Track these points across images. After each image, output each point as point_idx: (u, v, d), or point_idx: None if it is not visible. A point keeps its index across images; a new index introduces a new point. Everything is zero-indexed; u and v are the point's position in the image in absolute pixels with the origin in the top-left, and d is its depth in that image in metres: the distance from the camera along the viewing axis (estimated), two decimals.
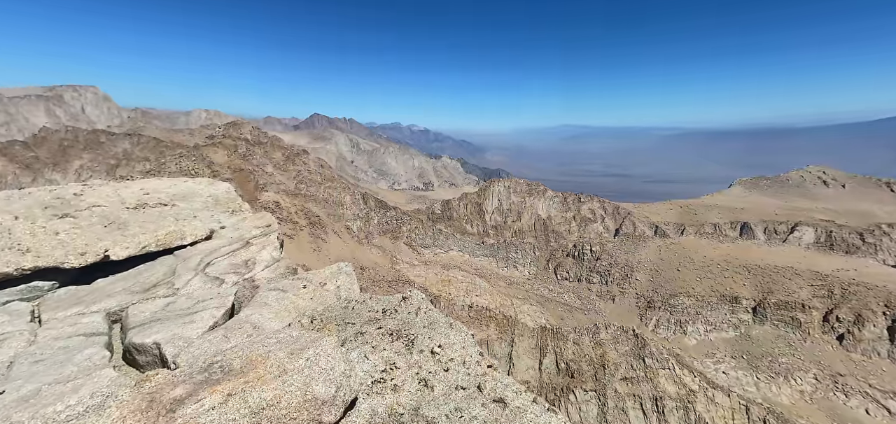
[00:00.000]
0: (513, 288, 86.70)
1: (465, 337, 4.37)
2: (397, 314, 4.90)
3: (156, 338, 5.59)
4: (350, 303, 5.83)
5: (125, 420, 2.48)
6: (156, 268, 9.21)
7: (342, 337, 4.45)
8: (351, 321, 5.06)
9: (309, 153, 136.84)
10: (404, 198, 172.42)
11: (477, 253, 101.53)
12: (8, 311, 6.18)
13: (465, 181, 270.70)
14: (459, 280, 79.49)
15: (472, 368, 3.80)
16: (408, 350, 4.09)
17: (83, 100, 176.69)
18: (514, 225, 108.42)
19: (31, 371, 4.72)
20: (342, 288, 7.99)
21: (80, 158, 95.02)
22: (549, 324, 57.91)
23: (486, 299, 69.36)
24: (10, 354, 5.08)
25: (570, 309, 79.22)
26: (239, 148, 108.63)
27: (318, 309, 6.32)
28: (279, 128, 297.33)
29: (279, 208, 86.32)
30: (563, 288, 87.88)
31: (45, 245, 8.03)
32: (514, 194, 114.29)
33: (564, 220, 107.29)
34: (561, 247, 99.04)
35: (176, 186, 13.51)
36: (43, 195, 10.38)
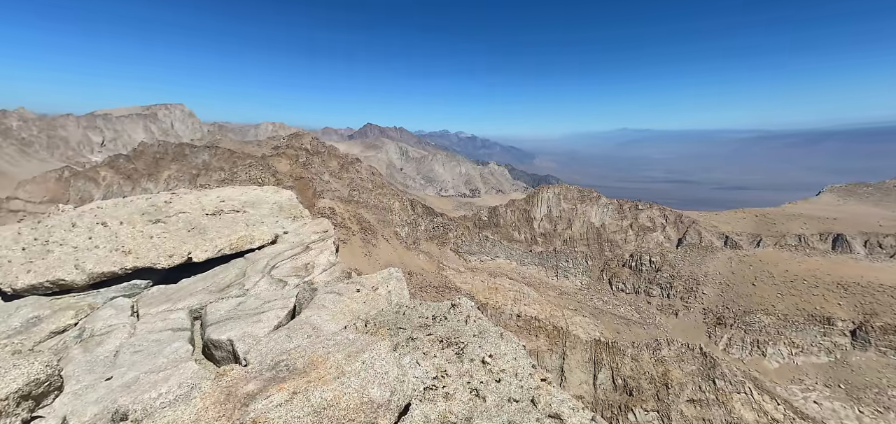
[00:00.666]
0: (563, 298, 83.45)
1: (516, 347, 4.28)
2: (447, 321, 4.93)
3: (229, 335, 6.12)
4: (401, 308, 5.98)
5: (207, 410, 2.76)
6: (229, 270, 10.02)
7: (394, 341, 4.57)
8: (402, 326, 5.19)
9: (361, 161, 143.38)
10: (451, 205, 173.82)
11: (525, 261, 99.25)
12: (114, 306, 7.12)
13: (513, 187, 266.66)
14: (507, 288, 78.16)
15: (525, 380, 3.70)
16: (458, 358, 4.09)
17: (172, 117, 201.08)
18: (564, 233, 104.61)
19: (131, 361, 5.39)
20: (393, 293, 8.20)
21: (168, 169, 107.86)
22: (604, 338, 54.79)
23: (535, 309, 67.41)
24: (115, 344, 5.84)
25: (628, 322, 74.42)
26: (300, 157, 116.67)
27: (371, 312, 6.55)
28: (335, 137, 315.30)
29: (334, 214, 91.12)
30: (618, 299, 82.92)
31: (142, 247, 9.15)
32: (565, 201, 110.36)
33: (620, 229, 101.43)
34: (616, 257, 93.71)
35: (246, 194, 14.69)
36: (140, 202, 11.87)
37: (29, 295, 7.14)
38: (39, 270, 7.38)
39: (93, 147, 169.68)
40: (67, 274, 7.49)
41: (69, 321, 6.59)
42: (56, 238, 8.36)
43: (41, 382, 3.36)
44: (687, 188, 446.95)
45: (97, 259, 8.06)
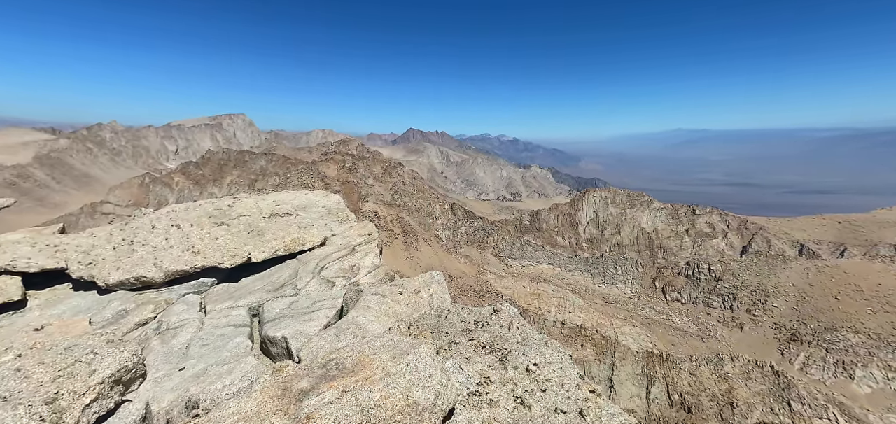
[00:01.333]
0: (611, 306, 79.49)
1: (562, 356, 4.15)
2: (489, 326, 4.90)
3: (284, 333, 6.51)
4: (443, 312, 6.03)
5: (266, 403, 2.96)
6: (283, 270, 10.64)
7: (437, 345, 4.61)
8: (444, 330, 5.23)
9: (403, 166, 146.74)
10: (491, 209, 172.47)
11: (569, 268, 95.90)
12: (186, 302, 7.85)
13: (556, 191, 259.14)
14: (550, 294, 75.94)
15: (573, 391, 3.58)
16: (502, 364, 4.04)
17: (235, 126, 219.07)
18: (612, 239, 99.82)
19: (200, 353, 5.92)
20: (434, 297, 8.29)
21: (231, 174, 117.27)
22: (658, 349, 51.38)
23: (581, 316, 64.83)
24: (187, 337, 6.44)
25: (684, 334, 69.28)
26: (346, 162, 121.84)
27: (414, 315, 6.67)
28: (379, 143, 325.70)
29: (377, 217, 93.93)
30: (673, 309, 77.49)
31: (209, 247, 10.00)
32: (613, 205, 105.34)
33: (675, 235, 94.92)
34: (670, 265, 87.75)
35: (298, 198, 15.53)
36: (208, 206, 12.98)
37: (118, 290, 8.08)
38: (126, 267, 8.34)
39: (168, 155, 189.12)
40: (148, 272, 8.38)
41: (149, 314, 7.37)
42: (139, 238, 9.39)
43: (129, 369, 3.78)
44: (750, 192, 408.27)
45: (172, 258, 8.94)
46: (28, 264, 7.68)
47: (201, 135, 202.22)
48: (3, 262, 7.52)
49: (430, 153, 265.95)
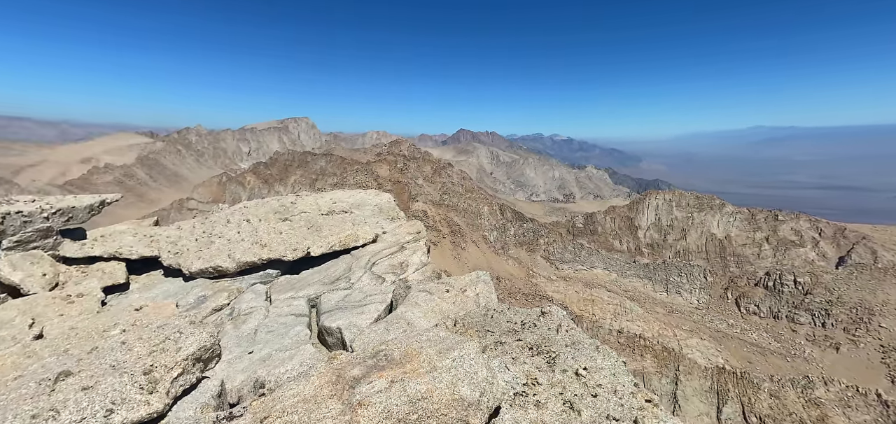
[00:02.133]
0: (675, 316, 73.55)
1: (615, 362, 3.94)
2: (536, 328, 4.79)
3: (338, 324, 6.89)
4: (489, 312, 6.00)
5: (322, 388, 3.17)
6: (338, 265, 11.21)
7: (483, 343, 4.61)
8: (490, 329, 5.20)
9: (452, 166, 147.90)
10: (542, 210, 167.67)
11: (627, 273, 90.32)
12: (254, 291, 8.61)
13: (614, 193, 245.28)
14: (605, 300, 72.09)
15: (627, 399, 3.39)
16: (549, 366, 3.93)
17: (299, 129, 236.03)
18: (676, 244, 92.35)
19: (266, 339, 6.46)
20: (481, 296, 8.27)
21: (294, 174, 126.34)
22: (731, 366, 46.57)
23: (640, 325, 60.77)
24: (255, 324, 7.06)
25: (762, 351, 62.12)
26: (398, 163, 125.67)
27: (460, 313, 6.71)
28: (430, 143, 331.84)
29: (426, 216, 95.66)
30: (749, 323, 69.81)
31: (275, 241, 10.86)
32: (678, 208, 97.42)
33: (751, 242, 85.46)
34: (746, 274, 79.14)
35: (353, 197, 16.28)
36: (273, 203, 14.09)
37: (199, 277, 9.08)
38: (205, 257, 9.35)
39: (242, 156, 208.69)
40: (223, 262, 9.32)
41: (224, 301, 8.19)
42: (216, 232, 10.48)
43: (208, 349, 4.25)
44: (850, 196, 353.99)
45: (243, 250, 9.85)
46: (130, 251, 8.92)
47: (270, 138, 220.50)
48: (112, 249, 8.81)
49: (480, 153, 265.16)
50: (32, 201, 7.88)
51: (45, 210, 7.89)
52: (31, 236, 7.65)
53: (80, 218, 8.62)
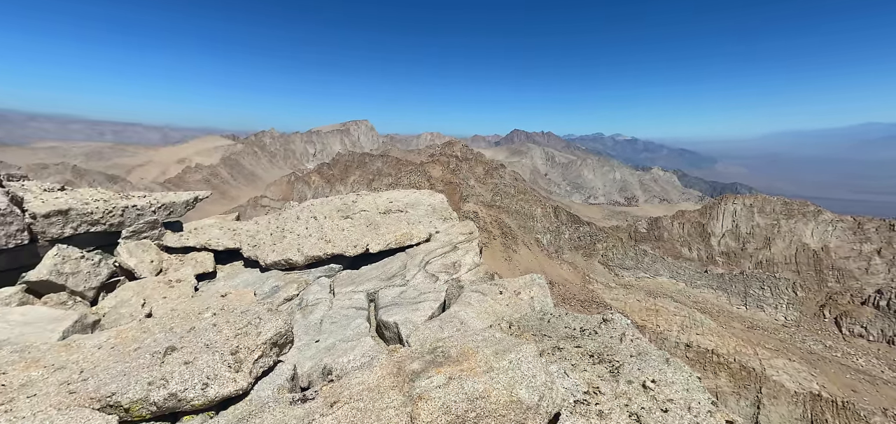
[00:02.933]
0: (756, 333, 65.81)
1: (688, 377, 3.66)
2: (597, 335, 4.59)
3: (395, 319, 7.17)
4: (545, 316, 5.86)
5: (384, 378, 3.35)
6: (394, 262, 11.64)
7: (540, 347, 4.53)
8: (547, 333, 5.09)
9: (505, 167, 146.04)
10: (601, 214, 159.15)
11: (697, 284, 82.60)
12: (319, 284, 9.25)
13: (683, 197, 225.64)
14: (671, 311, 66.56)
15: (703, 418, 3.13)
16: (612, 376, 3.76)
17: (359, 131, 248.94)
18: (759, 254, 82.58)
19: (330, 329, 6.93)
20: (536, 300, 8.10)
21: (353, 174, 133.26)
22: (828, 393, 40.54)
23: (713, 340, 55.21)
24: (320, 314, 7.60)
25: (872, 379, 53.31)
26: (450, 164, 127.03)
27: (515, 316, 6.64)
28: (483, 144, 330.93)
29: (477, 217, 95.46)
30: (854, 346, 60.32)
31: (337, 237, 11.58)
32: (761, 215, 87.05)
33: (857, 254, 73.77)
34: (849, 290, 68.47)
35: (407, 196, 16.77)
36: (336, 202, 15.00)
37: (273, 269, 9.97)
38: (278, 251, 10.24)
39: (308, 157, 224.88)
40: (293, 256, 10.14)
41: (294, 292, 8.91)
42: (288, 227, 11.42)
43: (282, 334, 4.67)
44: None
45: (310, 245, 10.63)
46: (217, 243, 10.06)
47: (333, 140, 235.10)
48: (203, 241, 10.01)
49: (534, 154, 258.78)
50: (143, 197, 9.21)
51: (153, 204, 9.18)
52: (142, 227, 8.95)
53: (178, 212, 9.90)
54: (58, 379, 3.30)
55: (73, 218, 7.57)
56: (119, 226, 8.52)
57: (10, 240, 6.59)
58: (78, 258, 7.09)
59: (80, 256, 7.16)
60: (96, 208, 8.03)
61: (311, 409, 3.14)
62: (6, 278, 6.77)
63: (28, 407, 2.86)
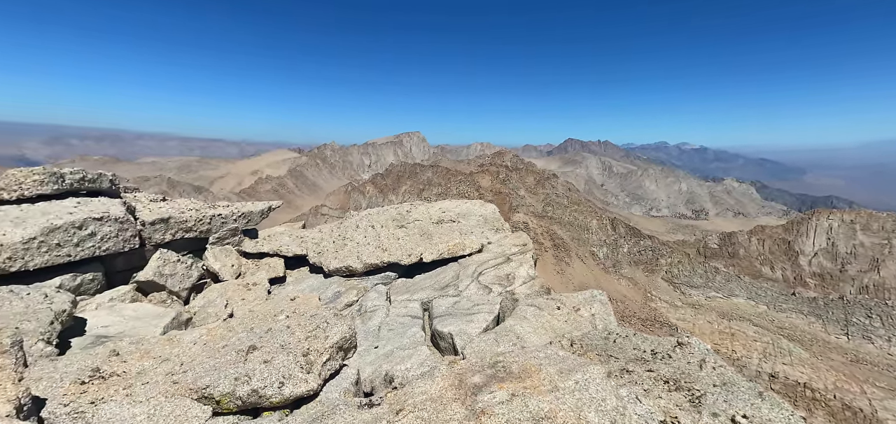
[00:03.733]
0: (862, 367, 56.48)
1: (790, 416, 3.24)
2: (672, 360, 4.24)
3: (450, 330, 7.21)
4: (610, 335, 5.54)
5: (447, 389, 3.38)
6: (447, 272, 11.72)
7: (607, 368, 4.29)
8: (613, 354, 4.80)
9: (558, 177, 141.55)
10: (664, 227, 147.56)
11: (782, 307, 73.13)
12: (376, 291, 9.61)
13: (762, 211, 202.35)
14: (750, 336, 59.47)
15: None
16: (693, 406, 3.44)
17: (412, 143, 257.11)
18: (863, 277, 71.25)
19: (387, 337, 7.15)
20: (597, 317, 7.70)
21: (405, 184, 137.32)
22: None
23: (805, 372, 48.31)
24: (378, 321, 7.88)
25: None
26: (500, 174, 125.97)
27: (576, 333, 6.36)
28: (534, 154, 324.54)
29: (527, 228, 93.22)
30: None
31: (393, 246, 11.97)
32: (866, 233, 75.28)
33: None
34: None
35: (459, 207, 16.85)
36: (392, 211, 15.52)
37: (335, 275, 10.56)
38: (340, 258, 10.82)
39: (364, 168, 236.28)
40: (353, 263, 10.66)
41: (353, 298, 9.34)
42: (348, 235, 12.05)
43: (347, 339, 4.91)
44: None
45: (368, 252, 11.10)
46: (287, 250, 10.90)
47: (387, 151, 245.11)
48: (275, 247, 10.90)
49: (589, 164, 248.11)
50: (227, 206, 10.28)
51: (234, 213, 10.20)
52: (226, 234, 9.98)
53: (255, 220, 10.90)
54: (164, 370, 3.77)
55: (172, 225, 8.67)
56: (207, 233, 9.58)
57: (126, 244, 7.71)
58: (175, 261, 8.09)
59: (177, 259, 8.15)
60: (190, 216, 9.11)
61: (378, 415, 3.25)
62: (122, 277, 7.93)
63: (143, 393, 3.31)
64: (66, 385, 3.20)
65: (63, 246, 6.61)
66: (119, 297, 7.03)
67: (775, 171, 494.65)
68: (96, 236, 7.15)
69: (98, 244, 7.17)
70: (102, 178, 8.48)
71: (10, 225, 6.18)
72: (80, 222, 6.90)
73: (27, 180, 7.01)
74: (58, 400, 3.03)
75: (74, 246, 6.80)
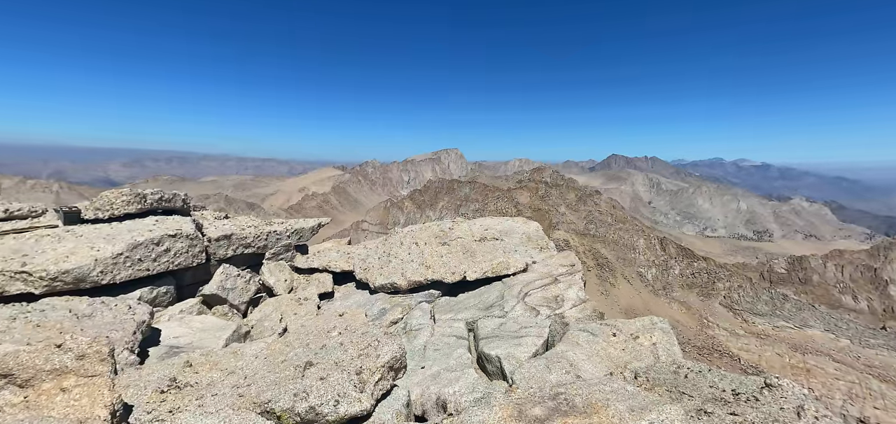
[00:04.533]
0: None
1: None
2: (759, 404, 3.76)
3: (497, 352, 6.97)
4: (679, 368, 5.07)
5: (505, 420, 3.22)
6: (491, 291, 11.44)
7: (683, 408, 3.90)
8: (686, 392, 4.37)
9: (601, 193, 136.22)
10: (721, 248, 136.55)
11: (869, 342, 64.40)
12: (421, 309, 9.59)
13: (839, 233, 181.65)
14: (831, 373, 52.70)
15: None
16: None
17: (449, 159, 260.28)
18: None
19: (433, 357, 7.06)
20: (660, 347, 7.14)
21: (442, 200, 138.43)
22: None
23: None
24: (423, 340, 7.81)
25: None
26: (539, 190, 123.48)
27: (638, 364, 5.90)
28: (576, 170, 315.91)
29: (568, 246, 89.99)
30: None
31: (436, 264, 11.94)
32: None
33: None
34: None
35: (501, 224, 16.51)
36: (434, 228, 15.55)
37: (380, 292, 10.70)
38: (385, 274, 10.97)
39: (403, 184, 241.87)
40: (397, 280, 10.75)
41: (398, 315, 9.38)
42: (393, 252, 12.21)
43: (398, 359, 4.88)
44: None
45: (412, 270, 11.16)
46: (335, 266, 11.24)
47: (425, 168, 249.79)
48: (324, 263, 11.29)
49: (635, 180, 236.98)
50: (281, 223, 10.83)
51: (288, 230, 10.72)
52: (280, 250, 10.49)
53: (305, 237, 11.37)
54: (230, 382, 3.94)
55: (234, 241, 9.27)
56: (263, 249, 10.13)
57: (194, 260, 8.33)
58: (235, 276, 8.60)
59: (237, 274, 8.66)
60: (249, 233, 9.69)
61: None
62: (190, 291, 8.57)
63: (213, 404, 3.46)
64: (148, 393, 3.44)
65: (144, 261, 7.26)
66: (187, 310, 7.56)
67: (854, 191, 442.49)
68: (170, 252, 7.80)
69: (172, 259, 7.80)
70: (176, 198, 9.28)
71: (103, 242, 6.90)
72: (158, 238, 7.56)
73: (117, 201, 7.85)
74: (142, 407, 3.25)
75: (152, 261, 7.45)
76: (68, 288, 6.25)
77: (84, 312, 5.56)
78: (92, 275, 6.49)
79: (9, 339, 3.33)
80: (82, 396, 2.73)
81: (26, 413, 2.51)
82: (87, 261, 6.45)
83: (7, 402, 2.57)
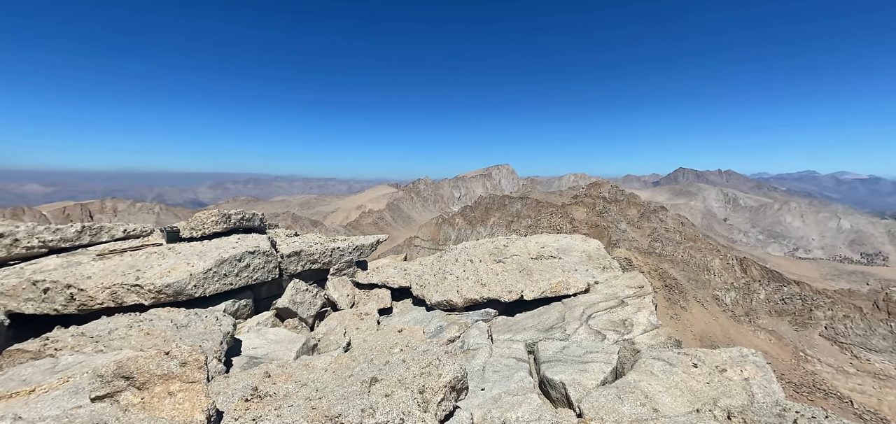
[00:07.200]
0: None
1: None
2: None
3: (562, 378, 6.59)
4: (786, 411, 4.39)
5: None
6: (551, 312, 10.96)
7: None
8: None
9: (667, 209, 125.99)
10: (819, 271, 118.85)
11: None
12: (478, 328, 9.44)
13: None
14: None
15: None
16: None
17: (501, 175, 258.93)
18: None
19: (493, 379, 6.86)
20: (753, 383, 6.29)
21: (493, 216, 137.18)
22: None
23: None
24: (482, 361, 7.65)
25: None
26: (597, 205, 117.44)
27: (729, 402, 5.23)
28: (637, 185, 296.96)
29: (630, 265, 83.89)
30: None
31: (492, 281, 11.74)
32: None
33: None
34: None
35: (559, 241, 15.86)
36: (489, 245, 15.37)
37: (436, 309, 10.75)
38: (440, 291, 11.01)
39: (454, 201, 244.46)
40: (453, 297, 10.73)
41: (455, 333, 9.32)
42: (448, 269, 12.26)
43: (459, 379, 4.81)
44: None
45: (468, 287, 11.07)
46: (393, 282, 11.55)
47: (476, 184, 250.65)
48: (382, 279, 11.65)
49: (707, 195, 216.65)
50: (344, 240, 11.41)
51: (350, 246, 11.26)
52: (343, 266, 11.03)
53: (366, 253, 11.85)
54: (304, 394, 4.14)
55: (303, 257, 9.94)
56: (328, 264, 10.72)
57: (270, 274, 9.06)
58: (304, 290, 9.17)
59: (306, 289, 9.23)
60: (315, 249, 10.33)
61: None
62: (264, 304, 9.33)
63: (289, 415, 3.66)
64: (235, 401, 3.75)
65: (228, 276, 8.05)
66: (263, 322, 8.20)
67: None
68: (250, 267, 8.57)
69: (251, 274, 8.57)
70: (255, 217, 10.24)
71: (196, 258, 7.80)
72: (240, 255, 8.36)
73: (208, 221, 8.88)
74: (230, 415, 3.55)
75: (235, 275, 8.24)
76: (169, 300, 7.12)
77: (181, 322, 6.26)
78: (187, 289, 7.32)
79: (127, 345, 3.85)
80: (184, 400, 3.07)
81: (144, 414, 2.88)
82: (184, 276, 7.29)
83: (129, 402, 2.98)
